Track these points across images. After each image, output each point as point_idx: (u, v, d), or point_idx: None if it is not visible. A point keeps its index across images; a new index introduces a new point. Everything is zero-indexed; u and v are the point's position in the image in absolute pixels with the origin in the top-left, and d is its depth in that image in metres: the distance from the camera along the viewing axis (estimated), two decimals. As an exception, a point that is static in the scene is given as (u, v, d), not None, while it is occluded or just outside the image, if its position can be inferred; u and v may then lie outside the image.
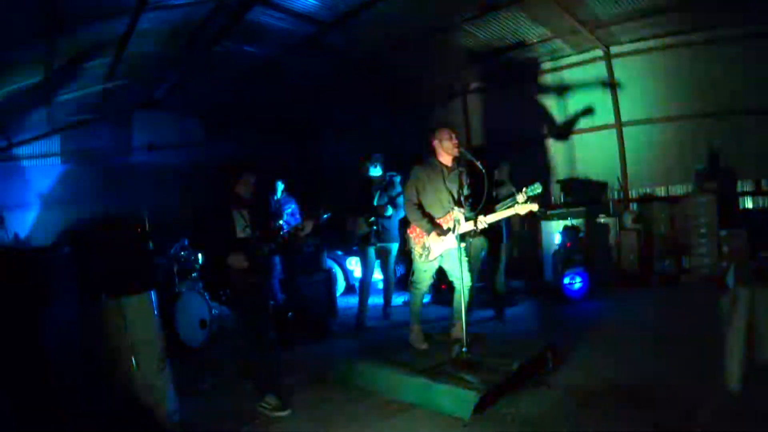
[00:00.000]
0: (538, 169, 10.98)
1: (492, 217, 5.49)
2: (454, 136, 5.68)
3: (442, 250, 5.65)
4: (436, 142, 5.72)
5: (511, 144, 11.15)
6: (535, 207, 5.40)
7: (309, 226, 5.25)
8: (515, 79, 11.46)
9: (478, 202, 5.48)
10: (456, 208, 5.49)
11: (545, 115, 11.23)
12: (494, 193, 7.18)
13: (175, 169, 12.50)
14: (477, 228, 5.43)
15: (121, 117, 12.22)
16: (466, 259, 5.58)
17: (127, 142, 12.44)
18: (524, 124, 11.42)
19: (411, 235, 5.85)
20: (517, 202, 5.43)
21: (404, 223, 6.33)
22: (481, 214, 5.43)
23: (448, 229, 5.52)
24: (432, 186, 5.69)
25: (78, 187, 11.53)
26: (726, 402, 4.17)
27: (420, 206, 5.69)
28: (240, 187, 5.22)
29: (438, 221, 5.64)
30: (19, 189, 11.11)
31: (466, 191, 5.72)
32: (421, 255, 5.71)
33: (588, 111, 10.60)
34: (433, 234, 5.57)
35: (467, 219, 5.44)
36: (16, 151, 11.19)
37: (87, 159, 11.86)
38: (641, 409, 4.23)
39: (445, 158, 5.73)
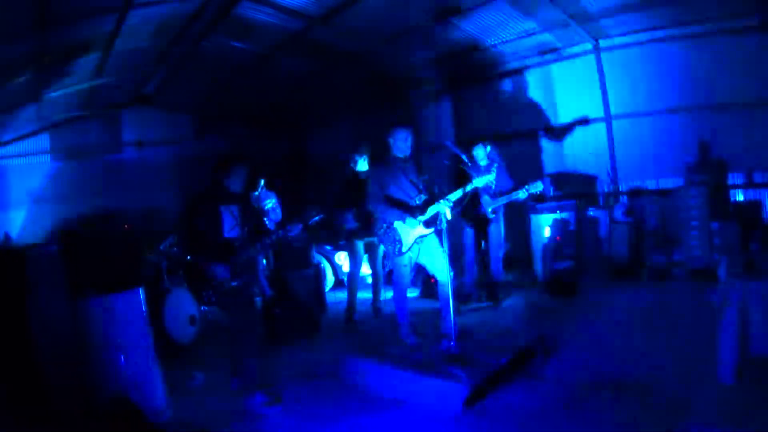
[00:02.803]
0: (527, 163, 10.96)
1: (453, 195, 5.57)
2: (408, 134, 5.87)
3: (412, 240, 5.69)
4: (390, 140, 5.90)
5: (500, 138, 11.14)
6: (491, 176, 5.52)
7: (297, 229, 5.21)
8: (504, 73, 11.45)
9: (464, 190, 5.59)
10: (420, 194, 5.68)
11: (534, 109, 11.22)
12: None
13: (164, 166, 12.49)
14: (444, 210, 5.51)
15: (110, 114, 12.17)
16: (442, 249, 5.61)
17: (117, 139, 12.42)
18: (513, 118, 11.38)
19: (380, 233, 5.91)
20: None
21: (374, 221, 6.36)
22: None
23: (419, 208, 5.65)
24: (393, 179, 5.83)
25: (68, 184, 11.51)
26: (719, 395, 4.19)
27: (386, 199, 5.79)
28: (230, 181, 5.14)
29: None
30: (9, 187, 11.07)
31: (425, 180, 5.86)
32: (393, 250, 5.76)
33: (578, 104, 10.59)
34: (405, 221, 5.65)
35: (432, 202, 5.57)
36: (6, 149, 11.15)
37: (77, 156, 11.82)
38: (633, 402, 4.24)
39: (400, 153, 5.89)
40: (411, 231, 5.67)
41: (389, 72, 11.69)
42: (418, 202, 5.68)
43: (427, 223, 5.59)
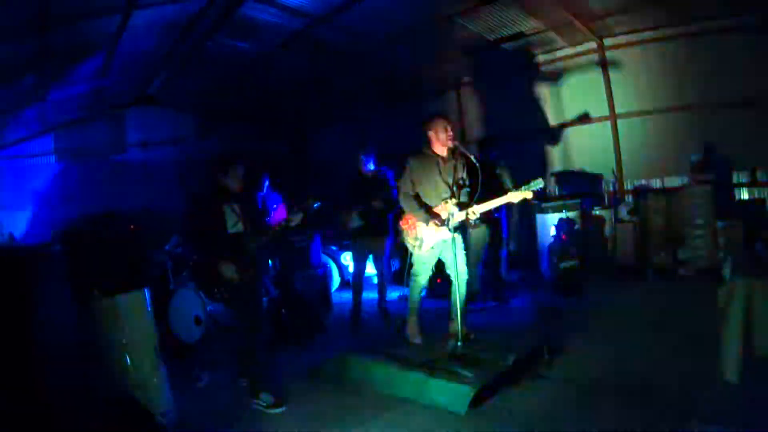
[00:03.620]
0: (533, 161, 10.95)
1: (484, 206, 5.45)
2: (449, 127, 5.64)
3: (435, 241, 5.61)
4: (431, 133, 5.67)
5: (505, 137, 11.12)
6: (529, 194, 5.39)
7: (298, 218, 5.23)
8: (508, 72, 11.43)
9: (474, 193, 5.49)
10: (451, 198, 5.47)
11: (539, 107, 11.21)
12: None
13: (169, 165, 12.51)
14: (469, 218, 5.41)
15: (114, 114, 12.19)
16: (464, 251, 5.57)
17: (121, 140, 12.45)
18: (518, 116, 11.35)
19: (403, 227, 5.83)
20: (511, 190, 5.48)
21: (397, 216, 6.31)
22: (473, 204, 5.41)
23: (445, 219, 5.42)
24: (427, 176, 5.66)
25: (73, 185, 11.53)
26: (724, 395, 4.17)
27: (416, 196, 5.66)
28: (229, 180, 5.20)
29: (434, 210, 5.61)
30: (14, 188, 11.09)
31: (461, 182, 5.66)
32: (413, 246, 5.69)
33: (582, 103, 10.58)
34: (428, 224, 5.54)
35: (460, 209, 5.42)
36: (11, 149, 11.17)
37: (81, 157, 11.85)
38: (639, 402, 4.23)
39: (440, 149, 5.68)
40: (433, 234, 5.60)
41: (392, 70, 11.67)
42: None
43: (457, 229, 5.45)
